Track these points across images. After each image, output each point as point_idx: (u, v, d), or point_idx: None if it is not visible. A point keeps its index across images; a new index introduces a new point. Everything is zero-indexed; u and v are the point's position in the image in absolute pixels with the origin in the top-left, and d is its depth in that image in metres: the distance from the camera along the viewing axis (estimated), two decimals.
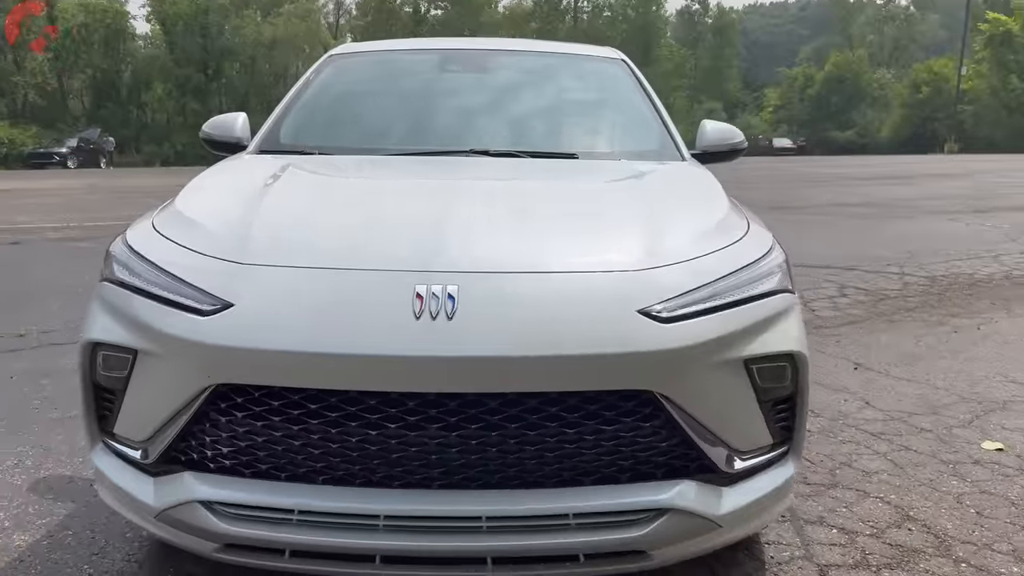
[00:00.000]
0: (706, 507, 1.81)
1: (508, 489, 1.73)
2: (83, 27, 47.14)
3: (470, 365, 1.65)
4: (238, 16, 48.83)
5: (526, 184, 2.55)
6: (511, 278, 1.78)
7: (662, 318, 1.75)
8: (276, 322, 1.70)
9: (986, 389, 3.99)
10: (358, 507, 1.70)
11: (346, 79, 3.44)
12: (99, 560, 2.37)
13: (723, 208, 2.30)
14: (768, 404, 1.93)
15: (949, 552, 2.46)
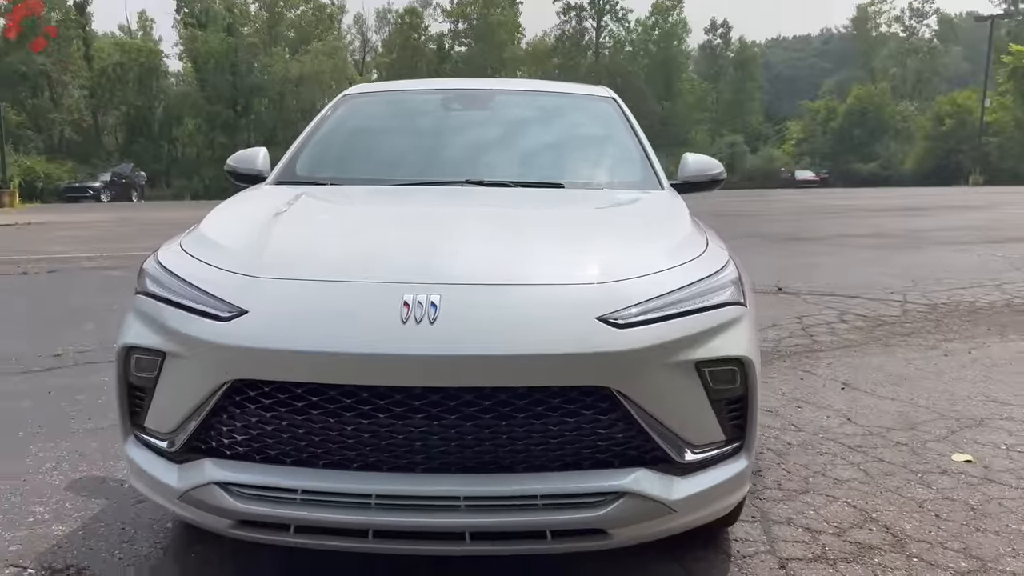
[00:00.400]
0: (660, 493, 2.04)
1: (483, 473, 1.98)
2: (118, 66, 48.62)
3: (448, 363, 1.91)
4: (267, 54, 50.17)
5: (511, 210, 2.83)
6: (486, 289, 2.06)
7: (618, 324, 2.00)
8: (283, 326, 1.98)
9: (966, 407, 4.17)
10: (353, 488, 1.96)
11: (357, 117, 3.76)
12: (128, 547, 2.64)
13: (685, 231, 2.56)
14: (719, 403, 2.17)
15: (903, 549, 2.66)
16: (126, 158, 46.34)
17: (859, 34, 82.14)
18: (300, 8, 55.50)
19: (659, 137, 63.01)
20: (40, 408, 4.16)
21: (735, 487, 2.24)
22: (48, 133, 47.46)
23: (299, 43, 53.50)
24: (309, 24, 55.36)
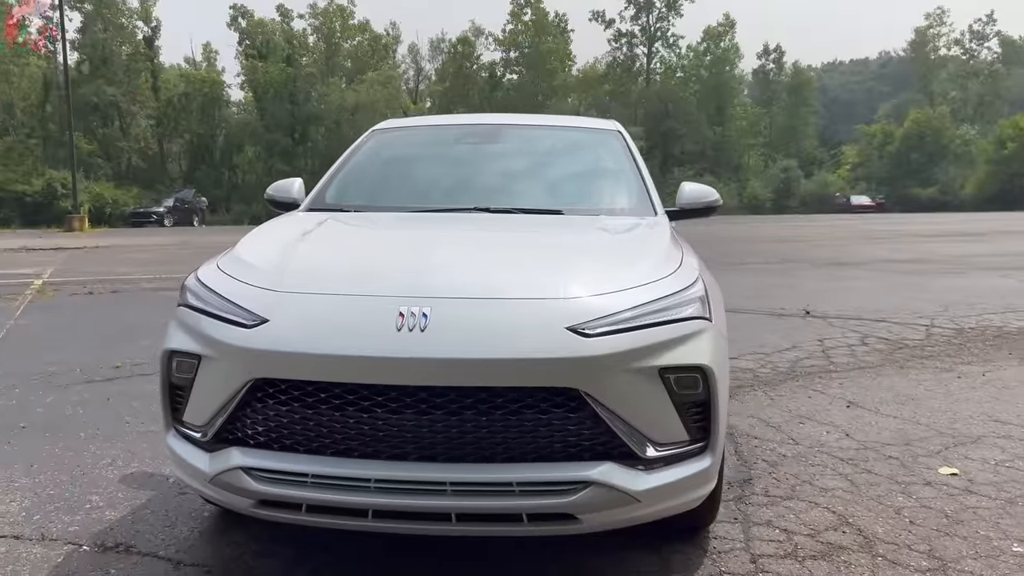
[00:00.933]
0: (625, 484, 2.31)
1: (467, 462, 2.27)
2: (183, 96, 50.62)
3: (435, 365, 2.22)
4: (324, 84, 51.72)
5: (506, 234, 3.15)
6: (471, 302, 2.37)
7: (585, 333, 2.29)
8: (297, 332, 2.32)
9: (965, 426, 4.32)
10: (355, 473, 2.27)
11: (383, 150, 4.13)
12: (169, 531, 3.00)
13: (660, 253, 2.83)
14: (683, 406, 2.43)
15: (871, 549, 2.86)
16: (189, 184, 48.03)
17: (917, 57, 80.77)
18: (357, 39, 57.10)
19: (710, 162, 62.99)
20: (99, 413, 4.60)
21: (699, 483, 2.49)
22: (116, 161, 49.52)
23: (355, 73, 55.00)
24: (365, 54, 56.90)
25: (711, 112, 66.64)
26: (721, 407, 2.51)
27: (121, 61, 49.37)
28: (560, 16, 64.06)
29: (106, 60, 48.58)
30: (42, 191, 40.75)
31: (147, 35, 51.36)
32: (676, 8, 67.17)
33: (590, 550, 2.82)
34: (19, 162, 44.12)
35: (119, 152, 49.52)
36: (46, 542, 2.88)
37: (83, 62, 49.11)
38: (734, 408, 4.63)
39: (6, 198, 40.67)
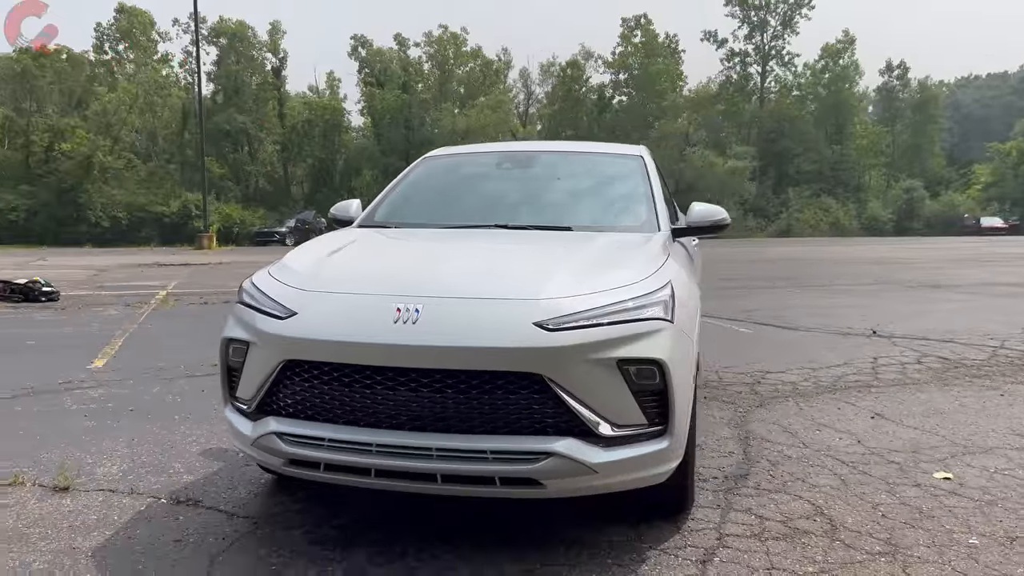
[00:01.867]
0: (583, 456, 2.72)
1: (450, 432, 2.74)
2: (306, 122, 53.52)
3: (423, 350, 2.71)
4: (437, 109, 53.59)
5: (509, 246, 3.62)
6: (457, 300, 2.85)
7: (548, 328, 2.73)
8: (317, 323, 2.87)
9: (983, 438, 4.45)
10: (360, 439, 2.78)
11: (429, 174, 4.69)
12: (231, 492, 3.61)
13: (640, 262, 3.22)
14: (640, 394, 2.82)
15: (833, 535, 3.15)
16: (310, 206, 50.61)
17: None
18: (469, 65, 58.85)
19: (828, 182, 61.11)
20: (193, 401, 5.33)
21: (656, 462, 2.87)
22: (245, 183, 52.77)
23: (467, 98, 56.69)
24: (476, 80, 58.56)
25: (830, 131, 64.74)
26: (678, 397, 2.88)
27: (251, 91, 52.68)
28: (671, 37, 63.98)
29: (238, 90, 51.99)
30: (178, 212, 43.97)
31: (275, 66, 54.60)
32: (792, 26, 65.79)
33: (574, 523, 3.23)
34: (159, 185, 47.76)
35: (247, 175, 52.75)
36: (134, 495, 3.55)
37: (217, 92, 52.74)
38: (759, 415, 4.91)
39: (147, 219, 44.11)
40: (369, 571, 2.82)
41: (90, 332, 8.47)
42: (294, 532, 3.16)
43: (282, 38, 54.88)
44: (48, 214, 44.66)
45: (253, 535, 3.13)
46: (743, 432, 4.56)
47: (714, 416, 4.90)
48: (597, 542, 3.07)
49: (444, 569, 2.84)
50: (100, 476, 3.78)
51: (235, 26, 52.71)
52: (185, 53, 54.63)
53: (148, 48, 54.33)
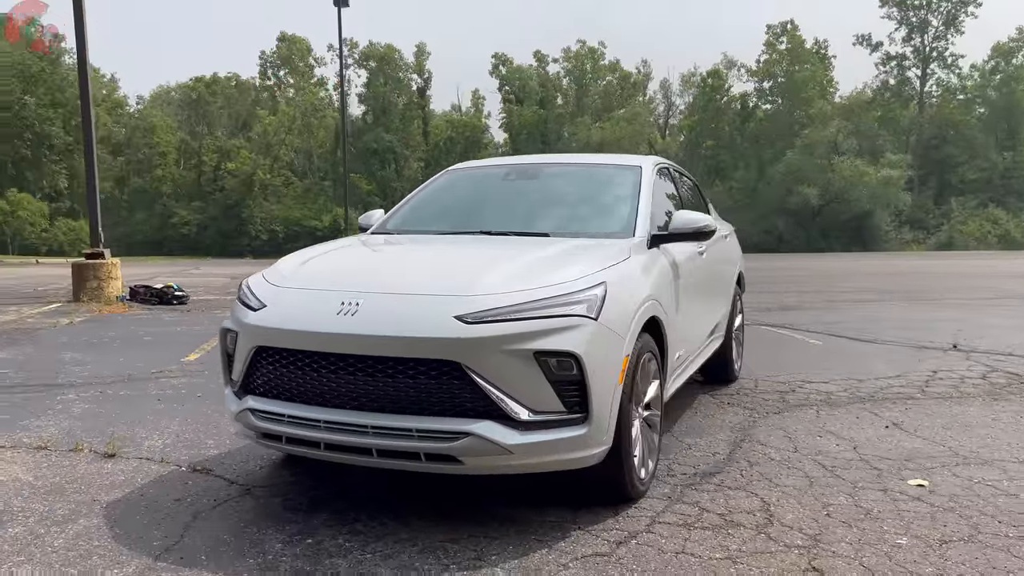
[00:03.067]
0: (498, 438, 3.00)
1: (383, 412, 3.11)
2: (448, 139, 55.64)
3: (358, 339, 3.09)
4: (573, 123, 54.27)
5: (474, 250, 3.94)
6: (392, 296, 3.22)
7: (467, 321, 3.04)
8: (280, 314, 3.32)
9: (989, 451, 4.32)
10: (310, 415, 3.20)
11: (444, 186, 5.08)
12: (243, 465, 4.12)
13: (585, 264, 3.45)
14: (558, 384, 3.08)
15: (763, 528, 3.25)
16: None
17: None
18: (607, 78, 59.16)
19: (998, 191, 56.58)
20: None
21: (572, 447, 3.12)
22: (391, 199, 55.42)
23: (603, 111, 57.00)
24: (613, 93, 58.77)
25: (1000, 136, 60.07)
26: (597, 389, 3.12)
27: (398, 110, 55.42)
28: (820, 43, 61.59)
29: (385, 110, 54.84)
30: (329, 226, 46.89)
31: (420, 86, 57.22)
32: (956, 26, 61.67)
33: (520, 504, 3.50)
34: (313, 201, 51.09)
35: (393, 192, 55.37)
36: (163, 463, 4.14)
37: (367, 113, 55.82)
38: (771, 421, 4.96)
39: (301, 232, 47.28)
40: (319, 531, 3.22)
41: (199, 331, 9.46)
42: (275, 499, 3.62)
43: (427, 59, 57.42)
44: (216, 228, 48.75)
45: (240, 499, 3.62)
46: (742, 435, 4.64)
47: (723, 420, 4.99)
48: (531, 520, 3.33)
49: (385, 534, 3.20)
50: (144, 447, 4.41)
51: (384, 50, 55.64)
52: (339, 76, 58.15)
53: (305, 73, 58.28)
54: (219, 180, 51.22)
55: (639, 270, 3.74)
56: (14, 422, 4.99)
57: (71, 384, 6.19)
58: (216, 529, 3.26)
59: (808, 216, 56.36)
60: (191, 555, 3.00)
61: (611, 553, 3.03)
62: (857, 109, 62.78)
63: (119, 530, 3.25)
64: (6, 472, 3.98)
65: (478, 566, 2.91)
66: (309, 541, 3.13)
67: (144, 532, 3.23)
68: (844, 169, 54.12)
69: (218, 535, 3.19)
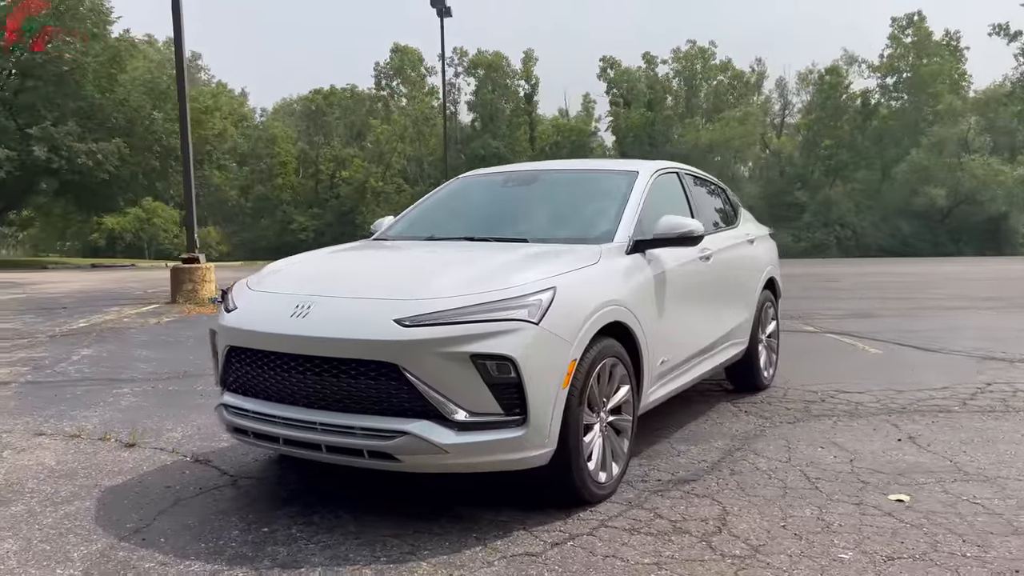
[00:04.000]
0: (434, 437, 3.11)
1: (330, 410, 3.27)
2: (554, 144, 55.91)
3: (307, 340, 3.26)
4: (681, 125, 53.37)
5: (442, 255, 4.04)
6: (341, 300, 3.38)
7: (404, 324, 3.15)
8: (245, 316, 3.54)
9: (997, 468, 4.06)
10: (269, 411, 3.40)
11: (450, 192, 5.21)
12: (242, 458, 4.38)
13: (542, 269, 3.50)
14: (495, 386, 3.15)
15: (708, 537, 3.21)
16: None
17: None
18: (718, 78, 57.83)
19: None
20: None
21: (509, 448, 3.18)
22: None
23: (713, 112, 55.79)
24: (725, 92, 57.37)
25: None
26: (536, 392, 3.18)
27: (505, 117, 56.10)
28: (950, 34, 58.24)
29: (493, 117, 55.64)
30: None
31: (527, 92, 57.72)
32: None
33: (475, 503, 3.59)
34: None
35: None
36: (172, 453, 4.46)
37: (475, 120, 56.81)
38: (779, 431, 4.83)
39: None
40: (278, 521, 3.41)
41: None
42: (255, 491, 3.85)
43: (534, 65, 57.83)
44: (331, 234, 50.71)
45: (223, 489, 3.87)
46: (740, 444, 4.55)
47: (729, 428, 4.90)
48: (482, 519, 3.41)
49: (336, 526, 3.36)
50: (163, 439, 4.75)
51: (491, 57, 56.48)
52: (449, 85, 59.51)
53: (417, 82, 59.90)
54: (335, 188, 53.40)
55: (603, 275, 3.76)
56: (65, 412, 5.47)
57: (130, 379, 6.70)
58: (187, 515, 3.51)
59: (935, 218, 53.38)
60: (153, 537, 3.25)
61: (541, 553, 3.07)
62: (993, 103, 58.93)
63: (103, 512, 3.55)
64: (35, 457, 4.40)
65: (407, 559, 3.02)
66: (265, 530, 3.32)
67: (124, 515, 3.51)
68: (975, 168, 50.95)
69: (186, 520, 3.44)
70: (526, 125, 56.29)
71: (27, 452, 4.51)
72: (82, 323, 10.62)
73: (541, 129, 57.44)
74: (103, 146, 31.63)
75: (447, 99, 59.82)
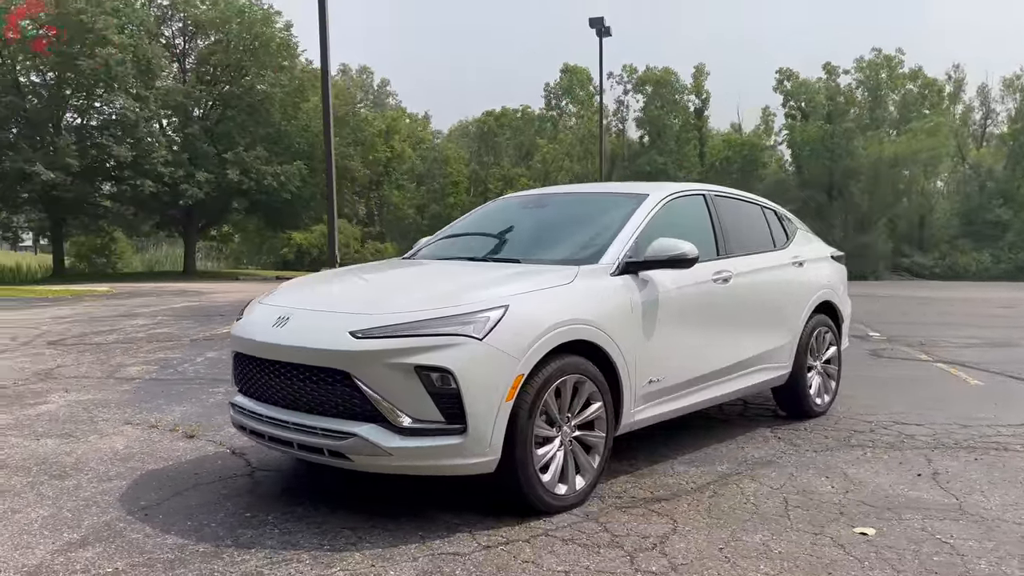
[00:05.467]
0: (379, 440, 3.41)
1: (300, 411, 3.65)
2: (725, 159, 54.49)
3: (280, 348, 3.67)
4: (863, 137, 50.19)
5: (427, 273, 4.33)
6: (314, 312, 3.76)
7: (356, 336, 3.48)
8: (245, 325, 4.00)
9: (1001, 510, 3.79)
10: (257, 409, 3.83)
11: (482, 213, 5.49)
12: (271, 453, 4.87)
13: (502, 287, 3.73)
14: (438, 396, 3.40)
15: (635, 553, 3.29)
16: None
17: None
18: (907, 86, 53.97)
19: None
20: None
21: (449, 454, 3.43)
22: None
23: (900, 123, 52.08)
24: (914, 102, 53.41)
25: None
26: (474, 403, 3.41)
27: (673, 132, 55.34)
28: None
29: (660, 133, 55.12)
30: None
31: (697, 107, 56.65)
32: None
33: (452, 508, 3.83)
34: None
35: None
36: (218, 445, 5.03)
37: (643, 136, 56.51)
38: (800, 458, 4.72)
39: None
40: (263, 509, 3.83)
41: None
42: (263, 482, 4.31)
43: (706, 79, 56.70)
44: None
45: (239, 478, 4.35)
46: (745, 468, 4.50)
47: (746, 453, 4.83)
48: (437, 519, 3.66)
49: (306, 516, 3.72)
50: (220, 434, 5.34)
51: (660, 73, 56.03)
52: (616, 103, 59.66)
53: (585, 101, 60.35)
54: None
55: (571, 295, 3.89)
56: (160, 407, 6.25)
57: (229, 380, 7.47)
58: (195, 498, 4.01)
59: None
60: (155, 514, 3.77)
61: (468, 554, 3.28)
62: None
63: (130, 491, 4.13)
64: (110, 442, 5.12)
65: (346, 549, 3.33)
66: (247, 515, 3.75)
67: (144, 494, 4.07)
68: None
69: (190, 502, 3.94)
70: (695, 140, 55.18)
71: (108, 438, 5.25)
72: (224, 329, 11.80)
73: (712, 144, 56.17)
74: (286, 168, 34.61)
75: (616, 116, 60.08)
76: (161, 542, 3.42)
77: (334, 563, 3.19)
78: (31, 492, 4.10)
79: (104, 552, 3.31)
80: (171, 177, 32.69)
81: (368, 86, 74.08)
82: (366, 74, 73.82)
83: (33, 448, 4.96)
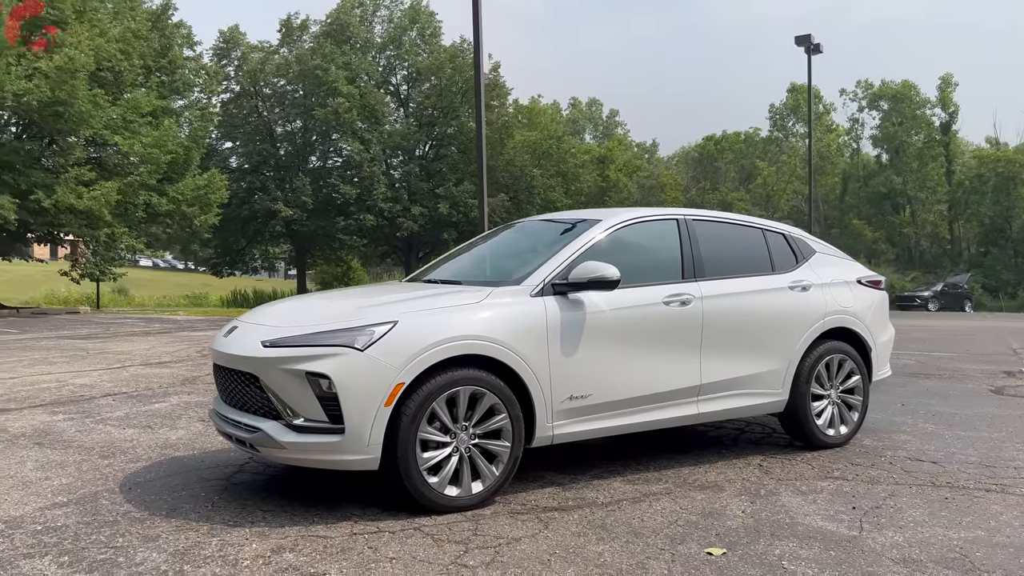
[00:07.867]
0: (275, 435, 3.94)
1: (238, 409, 4.29)
2: (976, 177, 49.22)
3: (224, 355, 4.32)
4: None
5: (370, 290, 4.77)
6: (252, 325, 4.37)
7: (264, 346, 4.05)
8: (218, 336, 4.72)
9: (906, 547, 3.53)
10: (222, 410, 4.50)
11: (485, 237, 5.86)
12: None
13: (397, 306, 4.14)
14: (323, 399, 3.88)
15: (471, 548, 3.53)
16: (973, 268, 46.28)
17: None
18: None
19: None
20: None
21: (330, 451, 3.88)
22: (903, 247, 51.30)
23: None
24: None
25: None
26: (350, 406, 3.84)
27: (914, 150, 50.97)
28: None
29: (898, 151, 51.01)
30: None
31: (943, 121, 51.71)
32: None
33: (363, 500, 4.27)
34: None
35: (905, 238, 51.15)
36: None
37: (880, 155, 52.64)
38: (805, 485, 4.60)
39: None
40: (238, 503, 4.47)
41: None
42: (260, 477, 4.95)
43: (953, 91, 51.70)
44: None
45: (243, 473, 5.02)
46: (681, 490, 4.48)
47: (703, 478, 4.77)
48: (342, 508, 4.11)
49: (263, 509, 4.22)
50: None
51: (898, 87, 51.97)
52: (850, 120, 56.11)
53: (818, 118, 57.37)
54: None
55: (476, 312, 4.19)
56: None
57: None
58: (190, 483, 4.71)
59: None
60: (145, 491, 4.52)
61: (331, 538, 3.68)
62: None
63: (151, 470, 4.94)
64: (168, 434, 6.08)
65: (260, 529, 3.80)
66: (216, 499, 4.39)
67: (157, 474, 4.87)
68: None
69: (175, 482, 4.70)
70: (941, 158, 50.34)
71: (174, 431, 6.24)
72: None
73: (961, 162, 50.95)
74: (491, 201, 36.53)
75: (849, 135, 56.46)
76: (127, 512, 4.10)
77: (216, 532, 3.76)
78: (73, 466, 5.08)
79: (73, 512, 4.12)
80: (390, 212, 35.93)
81: (597, 118, 75.80)
82: (594, 106, 75.61)
83: (113, 435, 6.03)
